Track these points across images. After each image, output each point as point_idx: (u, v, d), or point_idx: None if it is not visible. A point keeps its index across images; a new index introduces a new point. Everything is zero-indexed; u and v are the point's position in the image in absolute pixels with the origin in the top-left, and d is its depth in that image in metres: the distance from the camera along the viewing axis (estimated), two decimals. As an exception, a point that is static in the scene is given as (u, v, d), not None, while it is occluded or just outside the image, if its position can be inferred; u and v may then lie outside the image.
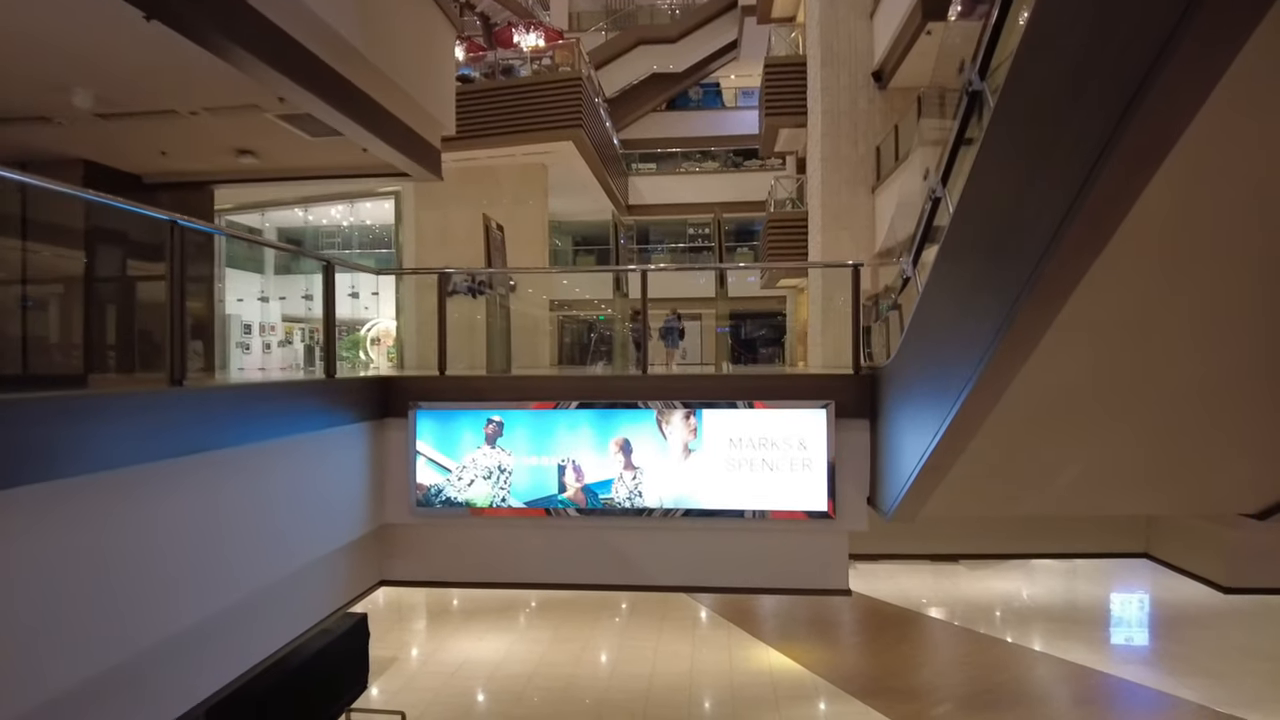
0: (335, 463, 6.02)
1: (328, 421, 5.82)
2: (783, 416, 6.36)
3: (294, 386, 5.59)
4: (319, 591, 6.05)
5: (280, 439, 5.15)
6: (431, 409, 6.66)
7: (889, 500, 5.88)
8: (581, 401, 6.49)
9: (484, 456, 6.59)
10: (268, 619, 5.38)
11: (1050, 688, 10.40)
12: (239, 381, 6.05)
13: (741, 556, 6.63)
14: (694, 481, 6.41)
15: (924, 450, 5.32)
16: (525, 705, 9.86)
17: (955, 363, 4.59)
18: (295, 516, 5.41)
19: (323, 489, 5.83)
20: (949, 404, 4.82)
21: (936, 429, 5.08)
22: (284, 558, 5.28)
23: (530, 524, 6.68)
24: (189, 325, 4.15)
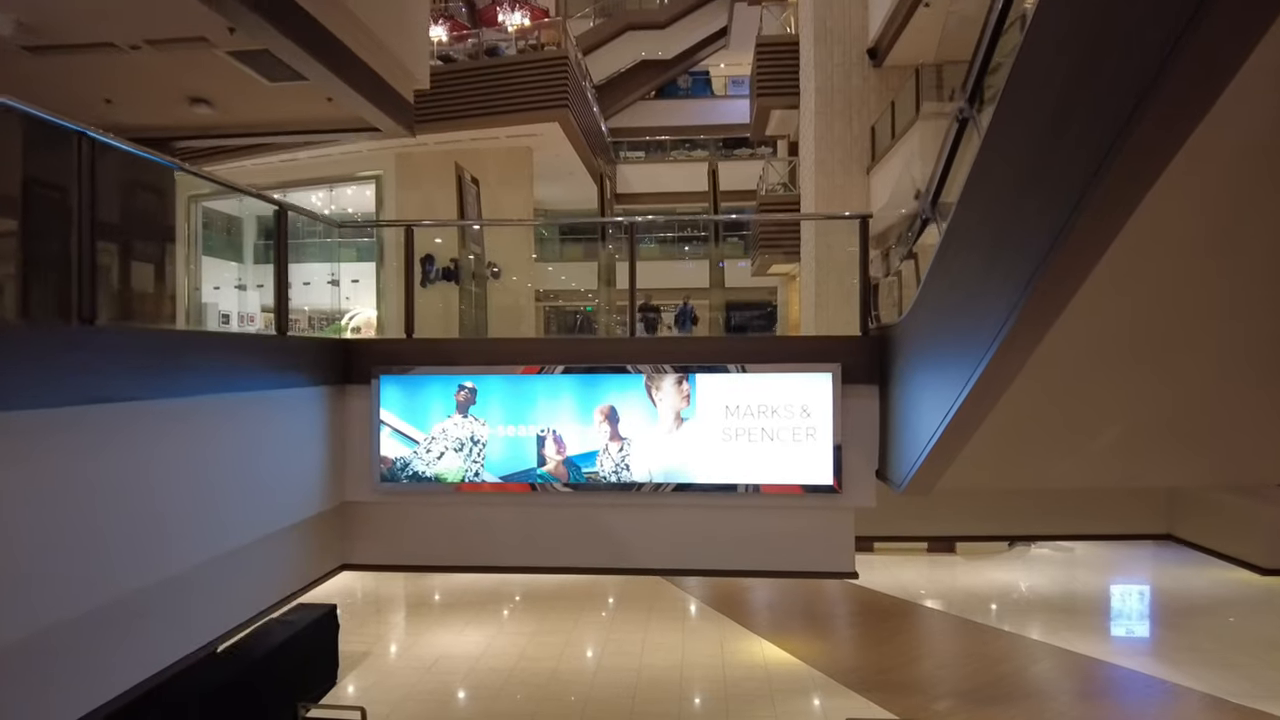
0: (287, 429, 5.41)
1: (277, 382, 5.21)
2: (784, 381, 5.79)
3: (236, 339, 4.99)
4: (270, 574, 5.43)
5: (219, 395, 4.53)
6: (397, 374, 6.05)
7: (902, 472, 5.32)
8: (567, 367, 5.90)
9: (455, 427, 5.99)
10: (207, 602, 4.76)
11: (1056, 680, 9.90)
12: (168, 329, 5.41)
13: (738, 536, 6.06)
14: (687, 453, 5.84)
15: (942, 416, 4.77)
16: (505, 701, 9.27)
17: (980, 317, 4.05)
18: (239, 485, 4.79)
19: (272, 457, 5.22)
20: (972, 363, 4.27)
21: (957, 392, 4.53)
22: (224, 532, 4.67)
23: (506, 501, 6.09)
24: (97, 257, 3.53)
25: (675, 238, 30.75)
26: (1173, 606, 12.86)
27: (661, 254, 30.93)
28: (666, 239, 31.06)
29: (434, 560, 6.35)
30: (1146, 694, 9.43)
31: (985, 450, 4.98)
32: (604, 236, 7.40)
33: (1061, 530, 7.36)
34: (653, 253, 30.79)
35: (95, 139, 3.63)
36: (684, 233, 29.84)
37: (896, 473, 5.43)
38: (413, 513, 6.30)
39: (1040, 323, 3.73)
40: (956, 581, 14.23)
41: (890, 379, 5.67)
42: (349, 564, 6.40)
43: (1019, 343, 3.90)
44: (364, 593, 14.01)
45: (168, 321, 8.66)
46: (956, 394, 4.52)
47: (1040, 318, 3.67)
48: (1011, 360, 4.05)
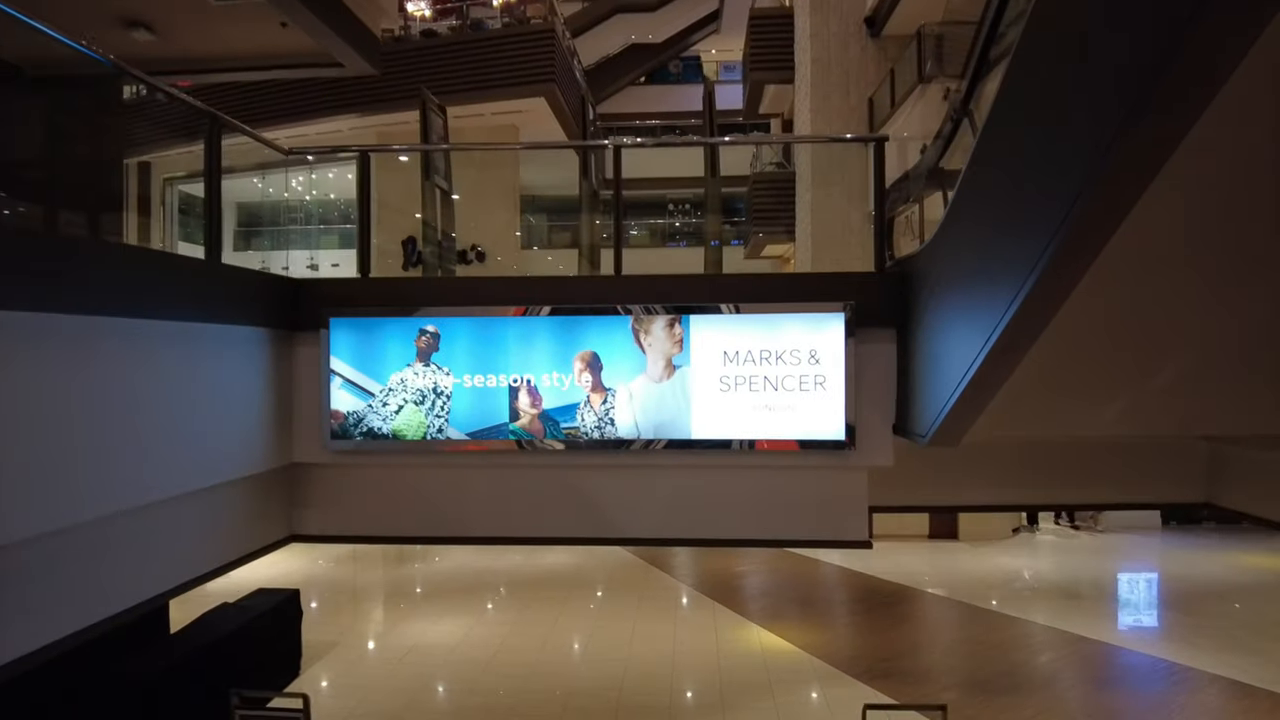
0: (219, 372, 4.68)
1: (205, 315, 4.48)
2: (790, 323, 5.10)
3: (146, 253, 4.24)
4: (201, 540, 4.70)
5: (128, 320, 3.80)
6: (350, 317, 5.32)
7: (926, 421, 4.63)
8: (555, 308, 5.18)
9: (415, 376, 5.27)
10: (119, 566, 4.02)
11: (1072, 669, 9.25)
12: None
13: (739, 501, 5.37)
14: (679, 406, 5.14)
15: (973, 358, 4.09)
16: (481, 694, 8.55)
17: (1019, 240, 3.39)
18: (157, 428, 4.07)
19: (201, 402, 4.49)
20: (1008, 296, 3.59)
21: (990, 330, 3.85)
22: (134, 481, 3.94)
23: (474, 461, 5.37)
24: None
25: (666, 227, 30.10)
26: (1184, 591, 12.25)
27: (651, 242, 30.28)
28: (657, 226, 30.41)
29: (394, 531, 5.63)
30: (1170, 682, 8.80)
31: (1024, 392, 4.30)
32: (585, 171, 6.66)
33: (1089, 499, 6.71)
34: (642, 240, 30.12)
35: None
36: (675, 219, 29.16)
37: (920, 423, 4.74)
38: (369, 476, 5.58)
39: (1097, 234, 3.06)
40: (960, 567, 13.59)
41: (911, 319, 4.98)
42: (298, 534, 5.67)
43: (1070, 261, 3.23)
44: (335, 579, 13.26)
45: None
46: (992, 327, 3.85)
47: (1098, 229, 3.01)
48: (1060, 282, 3.37)
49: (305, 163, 16.94)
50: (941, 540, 15.16)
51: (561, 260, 26.91)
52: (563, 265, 26.66)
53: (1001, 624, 10.71)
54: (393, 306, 5.33)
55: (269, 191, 26.30)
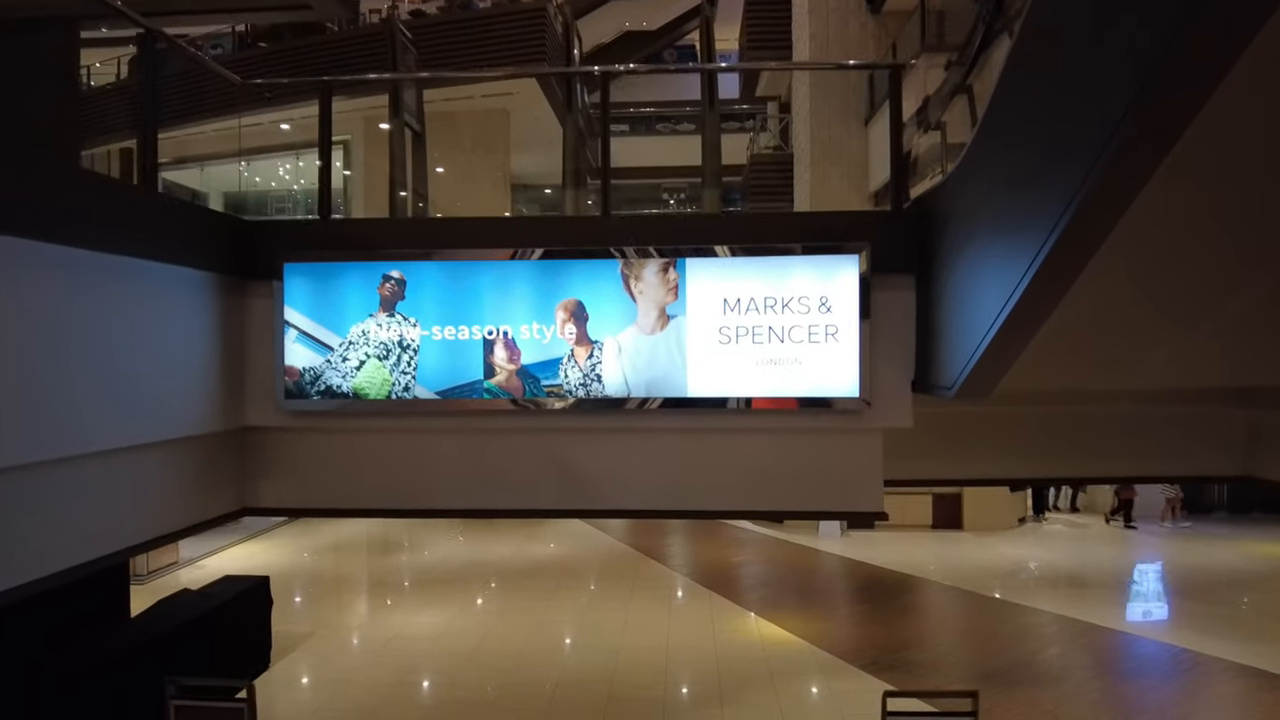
0: (156, 316, 4.14)
1: (139, 248, 3.93)
2: (798, 267, 4.56)
3: (67, 166, 3.69)
4: (135, 505, 4.15)
5: (36, 241, 3.25)
6: (307, 262, 4.77)
7: (953, 372, 4.10)
8: (532, 252, 4.64)
9: (378, 328, 4.72)
10: (31, 528, 3.48)
11: (1088, 660, 8.75)
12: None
13: (742, 466, 4.83)
14: (674, 361, 4.59)
15: (1006, 298, 3.57)
16: (463, 686, 8.00)
17: (1059, 163, 2.88)
18: (77, 370, 3.53)
19: (133, 348, 3.95)
20: (1046, 227, 3.08)
21: (1026, 265, 3.33)
22: (50, 429, 3.39)
23: (444, 424, 4.83)
24: None
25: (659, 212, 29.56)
26: (1198, 580, 11.76)
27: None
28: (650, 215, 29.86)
29: (356, 502, 5.07)
30: (1194, 672, 8.30)
31: (1062, 337, 3.78)
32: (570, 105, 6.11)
33: (1118, 472, 6.20)
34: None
35: None
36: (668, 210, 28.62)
37: (945, 374, 4.20)
38: (329, 443, 5.02)
39: (1150, 154, 2.56)
40: (965, 557, 13.10)
41: (933, 261, 4.45)
42: (251, 507, 5.11)
43: (1118, 187, 2.73)
44: (315, 569, 12.71)
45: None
46: (1028, 262, 3.33)
47: (1151, 148, 2.51)
48: (1106, 211, 2.87)
49: (263, 99, 16.38)
50: (945, 530, 14.67)
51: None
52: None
53: (1011, 613, 10.22)
54: (355, 250, 4.77)
55: (255, 180, 25.68)
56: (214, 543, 13.69)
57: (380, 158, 18.07)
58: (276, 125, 19.12)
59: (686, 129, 30.06)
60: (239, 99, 16.61)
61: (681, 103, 32.75)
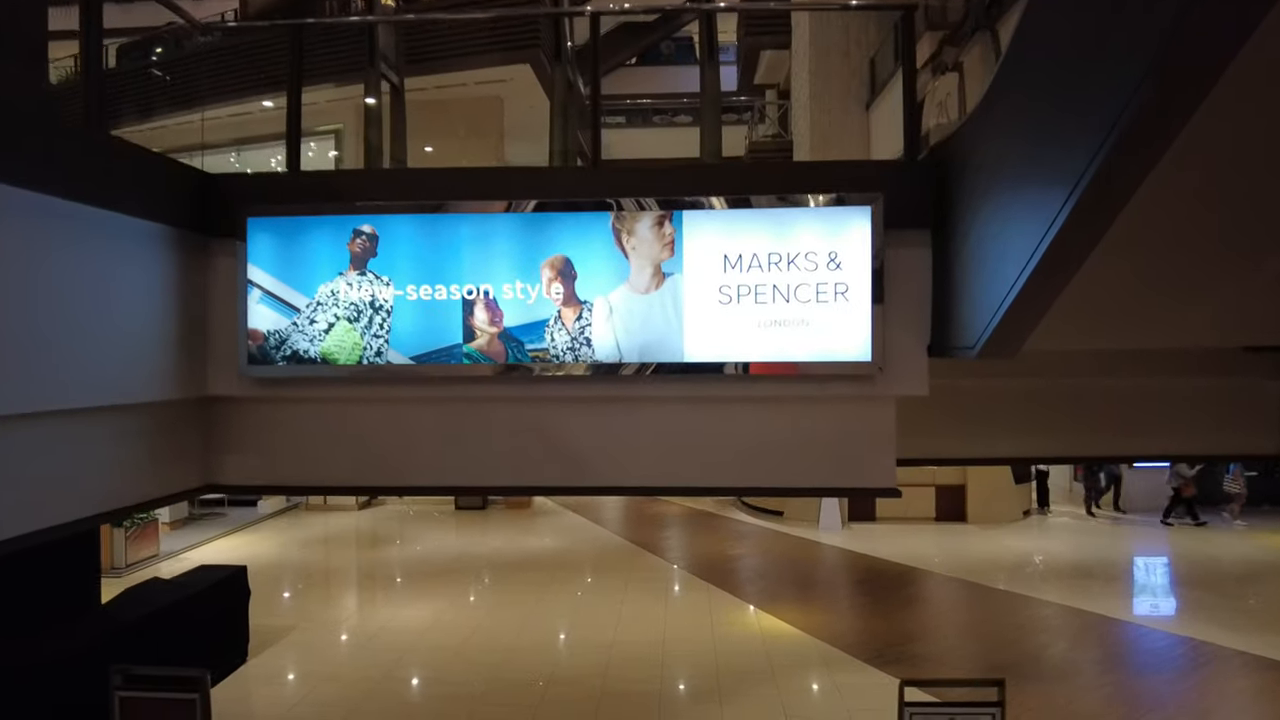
0: (106, 269, 3.78)
1: (82, 192, 3.56)
2: (805, 221, 4.19)
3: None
4: (80, 475, 3.78)
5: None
6: (272, 216, 4.39)
7: (976, 329, 3.74)
8: (539, 203, 4.26)
9: (348, 288, 4.34)
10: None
11: (1102, 653, 8.41)
12: None
13: (745, 439, 4.47)
14: (669, 323, 4.22)
15: (1034, 247, 3.23)
16: (449, 682, 7.63)
17: (1095, 96, 2.55)
18: (3, 322, 3.17)
19: (78, 302, 3.59)
20: (1080, 166, 2.74)
21: (1057, 209, 3.00)
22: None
23: (420, 392, 4.45)
24: None
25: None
26: (1209, 572, 11.41)
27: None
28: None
29: (327, 479, 4.70)
30: (1212, 665, 7.95)
31: (1098, 287, 3.44)
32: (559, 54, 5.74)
33: (1145, 450, 5.84)
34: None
35: None
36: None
37: (967, 332, 3.84)
38: (297, 414, 4.65)
39: (1196, 84, 2.24)
40: (970, 549, 12.75)
41: (951, 213, 4.09)
42: (215, 483, 4.73)
43: (1160, 119, 2.40)
44: (301, 561, 12.32)
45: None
46: (1058, 206, 3.01)
47: (1197, 77, 2.19)
48: (1146, 148, 2.54)
49: (254, 85, 15.95)
50: (949, 523, 14.33)
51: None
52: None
53: (1019, 605, 9.87)
54: (324, 204, 4.40)
55: (247, 171, 25.26)
56: (198, 535, 13.32)
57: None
58: (269, 114, 18.70)
59: (683, 121, 29.69)
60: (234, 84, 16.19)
61: (678, 94, 32.41)
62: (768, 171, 4.58)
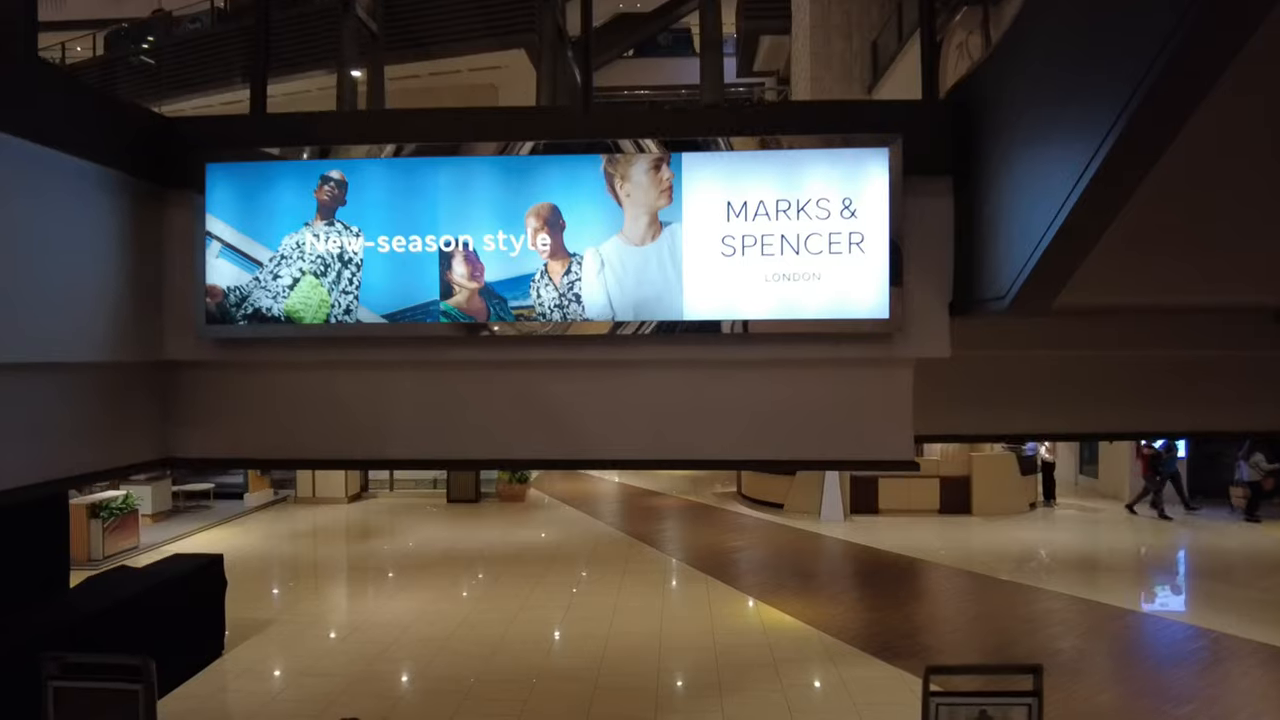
0: (46, 212, 3.39)
1: (18, 125, 3.19)
2: (817, 164, 3.82)
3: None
4: (15, 440, 3.40)
5: None
6: (233, 162, 4.01)
7: (1006, 279, 3.37)
8: (541, 144, 3.88)
9: (315, 239, 3.96)
10: None
11: (1114, 644, 8.06)
12: None
13: (749, 406, 4.11)
14: (667, 277, 3.85)
15: (1072, 187, 2.88)
16: (432, 676, 7.25)
17: (1142, 11, 2.22)
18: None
19: (8, 243, 3.20)
20: (1125, 93, 2.42)
21: (1097, 145, 2.66)
22: None
23: (393, 355, 4.07)
24: None
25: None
26: (1223, 565, 11.06)
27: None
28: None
29: (295, 452, 4.32)
30: (1227, 658, 7.59)
31: (1143, 230, 3.08)
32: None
33: (1175, 427, 5.49)
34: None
35: None
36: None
37: (996, 283, 3.47)
38: (263, 381, 4.27)
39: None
40: (976, 542, 12.40)
41: (976, 156, 3.72)
42: (176, 457, 4.35)
43: (1215, 38, 2.08)
44: (283, 552, 11.93)
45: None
46: (1093, 150, 2.68)
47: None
48: (1199, 71, 2.22)
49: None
50: (953, 515, 13.97)
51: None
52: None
53: (1029, 597, 9.51)
54: (290, 149, 4.02)
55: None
56: (181, 528, 12.93)
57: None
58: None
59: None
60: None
61: (675, 86, 32.05)
62: (775, 110, 4.19)
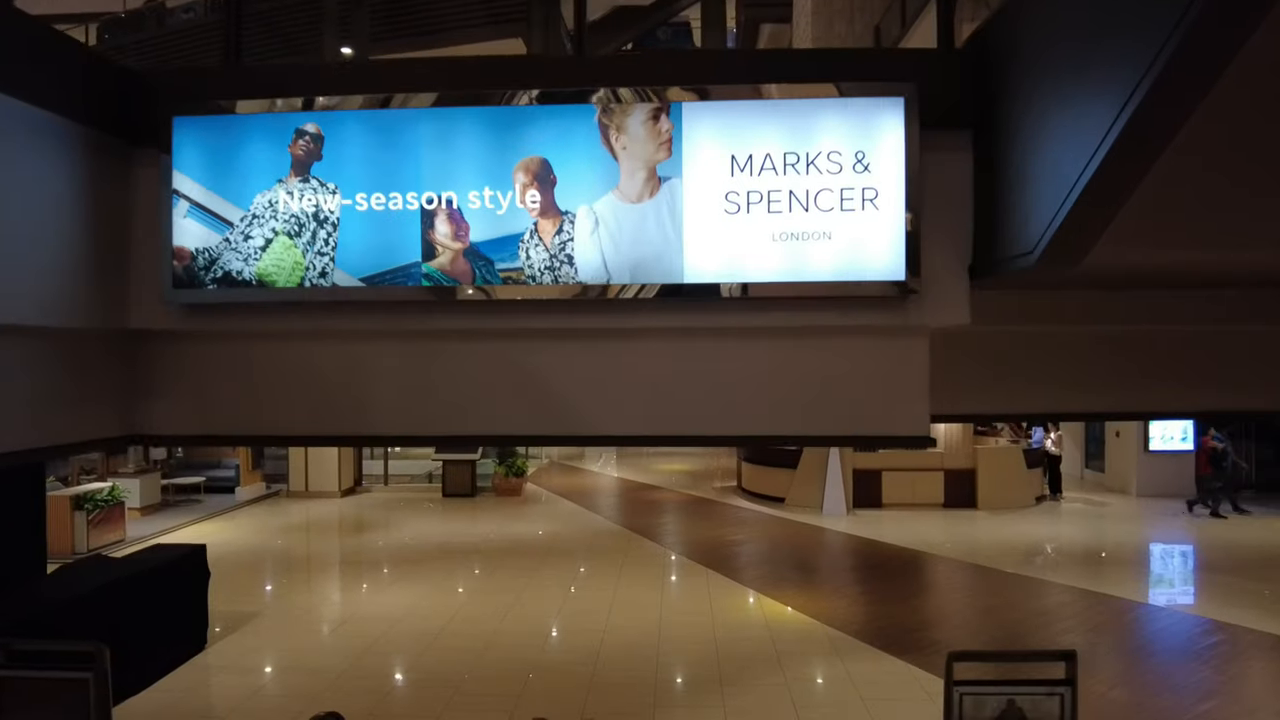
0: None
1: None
2: (827, 115, 3.56)
3: None
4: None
5: None
6: (203, 115, 3.74)
7: (1034, 233, 3.11)
8: (544, 92, 3.62)
9: (289, 197, 3.70)
10: None
11: (1129, 637, 7.80)
12: None
13: (747, 377, 3.84)
14: (666, 237, 3.59)
15: (1108, 129, 2.63)
16: (422, 669, 6.99)
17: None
18: None
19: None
20: (1167, 23, 2.17)
21: (1136, 81, 2.42)
22: None
23: (376, 325, 3.81)
24: None
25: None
26: (1236, 557, 10.79)
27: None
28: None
29: (269, 428, 4.06)
30: (1248, 650, 7.33)
31: (1185, 175, 2.83)
32: None
33: (1199, 406, 5.21)
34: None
35: None
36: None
37: (1022, 238, 3.21)
38: (236, 352, 4.01)
39: None
40: (982, 535, 12.14)
41: (999, 103, 3.46)
42: (141, 433, 4.08)
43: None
44: (273, 545, 11.66)
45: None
46: (1131, 88, 2.45)
47: None
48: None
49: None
50: (958, 509, 13.70)
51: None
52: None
53: (1038, 591, 9.25)
54: (263, 100, 3.75)
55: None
56: (170, 521, 12.67)
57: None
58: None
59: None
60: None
61: (676, 81, 31.69)
62: (782, 57, 3.92)
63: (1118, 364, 5.01)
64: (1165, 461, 14.96)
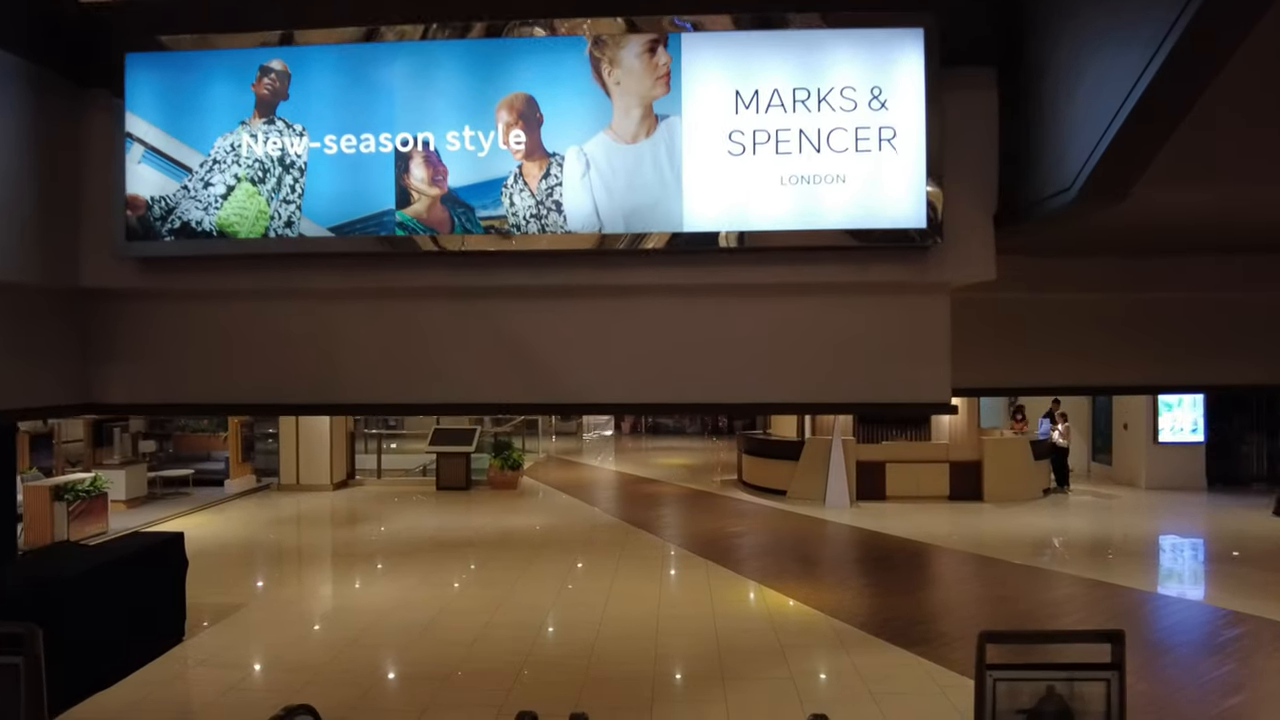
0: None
1: None
2: (840, 47, 3.25)
3: None
4: None
5: None
6: (159, 52, 3.43)
7: (1072, 166, 2.80)
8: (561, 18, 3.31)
9: (252, 140, 3.38)
10: None
11: (1143, 629, 7.49)
12: None
13: (751, 337, 3.53)
14: (663, 181, 3.27)
15: (1156, 47, 2.34)
16: (410, 663, 6.67)
17: None
18: None
19: None
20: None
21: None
22: None
23: (347, 283, 3.50)
24: None
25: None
26: (1237, 548, 10.49)
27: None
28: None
29: (236, 396, 3.75)
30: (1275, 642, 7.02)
31: (1245, 90, 2.54)
32: None
33: (1231, 379, 4.90)
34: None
35: None
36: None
37: (1059, 173, 2.90)
38: (196, 313, 3.70)
39: None
40: (988, 527, 11.83)
41: (1028, 35, 3.15)
42: (99, 402, 3.77)
43: None
44: (262, 538, 11.34)
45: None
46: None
47: None
48: None
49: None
50: (964, 501, 13.40)
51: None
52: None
53: (1049, 582, 8.95)
54: (229, 34, 3.44)
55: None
56: (156, 514, 12.33)
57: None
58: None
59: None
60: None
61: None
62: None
63: (1143, 332, 4.71)
64: (1174, 453, 14.65)
